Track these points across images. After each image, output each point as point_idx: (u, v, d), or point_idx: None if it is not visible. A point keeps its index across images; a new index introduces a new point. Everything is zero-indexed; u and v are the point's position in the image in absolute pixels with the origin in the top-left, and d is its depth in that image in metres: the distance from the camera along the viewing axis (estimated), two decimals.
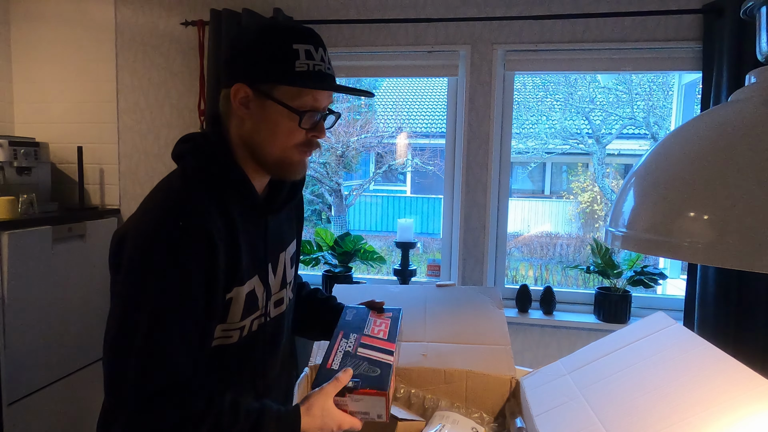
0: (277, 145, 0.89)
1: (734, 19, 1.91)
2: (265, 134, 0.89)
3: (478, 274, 2.37)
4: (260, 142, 0.90)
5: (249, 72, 0.87)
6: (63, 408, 2.25)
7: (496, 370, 1.33)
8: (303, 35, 0.87)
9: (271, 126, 0.88)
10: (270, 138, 0.89)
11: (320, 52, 0.88)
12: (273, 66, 0.85)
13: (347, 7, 2.36)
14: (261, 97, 0.87)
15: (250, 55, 0.87)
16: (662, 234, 0.63)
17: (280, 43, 0.86)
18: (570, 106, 5.74)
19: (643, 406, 0.95)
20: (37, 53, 2.59)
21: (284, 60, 0.85)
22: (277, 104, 0.86)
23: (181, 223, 0.83)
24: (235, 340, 0.95)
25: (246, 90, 0.87)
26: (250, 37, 0.88)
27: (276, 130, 0.89)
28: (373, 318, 1.16)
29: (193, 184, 0.88)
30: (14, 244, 1.95)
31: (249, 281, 0.94)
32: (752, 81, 0.71)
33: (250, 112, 0.88)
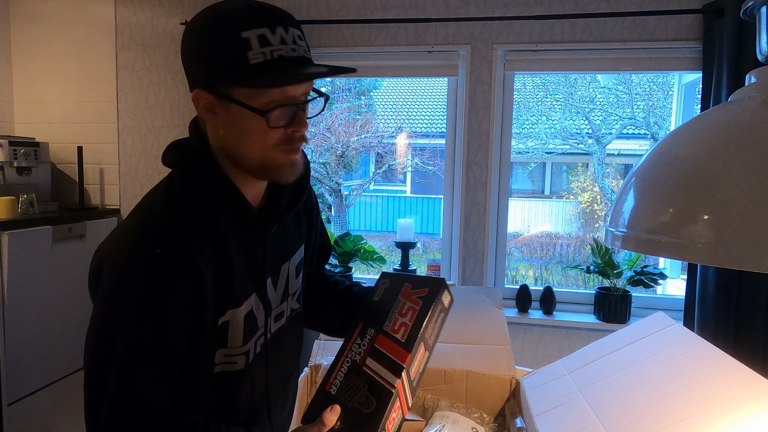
0: (254, 149, 0.78)
1: (734, 19, 1.91)
2: (239, 139, 0.78)
3: (478, 274, 2.37)
4: (236, 148, 0.79)
5: (201, 75, 0.76)
6: (63, 408, 2.25)
7: (496, 370, 1.33)
8: (253, 17, 0.73)
9: (241, 130, 0.77)
10: (244, 142, 0.78)
11: (279, 31, 0.74)
12: (223, 64, 0.73)
13: (347, 7, 2.36)
14: (223, 100, 0.75)
15: (198, 56, 0.75)
16: (662, 234, 0.63)
17: (226, 34, 0.72)
18: (570, 106, 5.74)
19: (643, 405, 0.95)
20: (37, 53, 2.59)
21: (233, 54, 0.72)
22: (240, 106, 0.74)
23: (158, 251, 0.75)
24: (241, 366, 0.87)
25: (206, 95, 0.76)
26: (195, 33, 0.76)
27: (248, 134, 0.77)
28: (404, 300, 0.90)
29: (178, 201, 0.80)
30: (14, 244, 1.95)
31: (246, 302, 0.85)
32: (752, 81, 0.70)
33: (218, 118, 0.78)
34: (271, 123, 0.75)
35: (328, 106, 0.81)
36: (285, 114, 0.77)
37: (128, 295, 0.75)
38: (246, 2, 0.76)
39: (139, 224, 0.79)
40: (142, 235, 0.77)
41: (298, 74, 0.76)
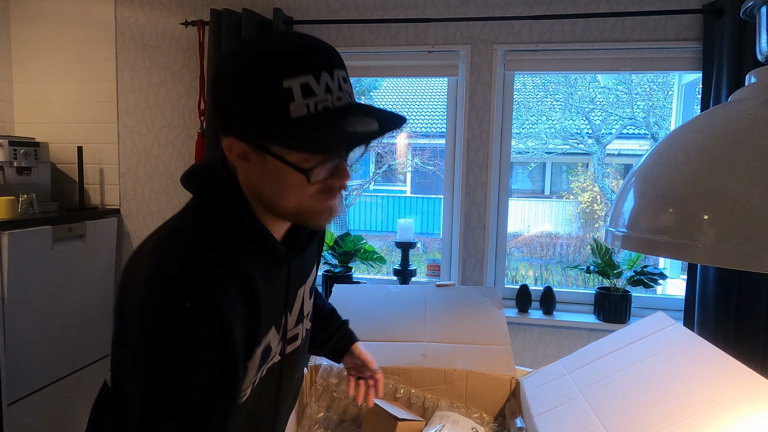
0: (290, 200, 0.73)
1: (734, 19, 1.91)
2: (274, 190, 0.73)
3: (478, 274, 2.37)
4: (271, 196, 0.74)
5: (236, 125, 0.69)
6: (63, 408, 2.25)
7: (496, 370, 1.33)
8: (296, 62, 0.66)
9: (277, 182, 0.72)
10: (281, 193, 0.73)
11: (324, 78, 0.66)
12: (262, 118, 0.66)
13: (347, 7, 2.36)
14: (259, 151, 0.69)
15: (233, 105, 0.68)
16: (662, 234, 0.63)
17: (266, 84, 0.65)
18: (570, 106, 5.74)
19: (643, 405, 0.95)
20: (37, 53, 2.59)
21: (274, 107, 0.65)
22: (281, 161, 0.68)
23: (188, 304, 0.68)
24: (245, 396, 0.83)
25: (240, 144, 0.70)
26: (230, 76, 0.68)
27: (285, 186, 0.72)
28: None
29: (205, 242, 0.74)
30: (14, 244, 1.95)
31: (265, 336, 0.82)
32: (752, 81, 0.71)
33: (252, 166, 0.72)
34: (312, 180, 0.70)
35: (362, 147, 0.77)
36: (327, 168, 0.71)
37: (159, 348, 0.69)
38: (288, 39, 0.69)
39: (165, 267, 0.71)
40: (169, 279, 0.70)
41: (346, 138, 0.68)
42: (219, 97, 0.70)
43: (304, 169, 0.69)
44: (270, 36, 0.70)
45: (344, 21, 2.32)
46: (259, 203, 0.76)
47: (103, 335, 2.50)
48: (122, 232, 2.61)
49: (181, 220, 0.77)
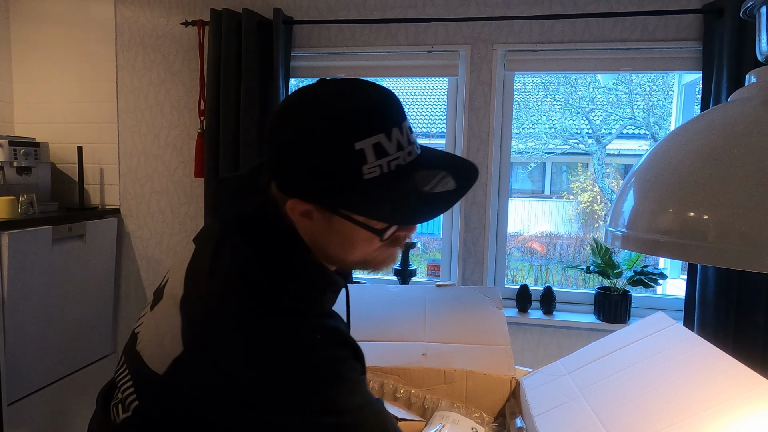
0: (357, 254, 0.72)
1: (734, 19, 1.91)
2: (341, 246, 0.71)
3: (478, 274, 2.37)
4: (336, 252, 0.72)
5: (301, 188, 0.66)
6: (63, 408, 2.25)
7: (496, 370, 1.33)
8: (368, 121, 0.63)
9: (343, 239, 0.70)
10: (347, 249, 0.71)
11: (395, 135, 0.64)
12: (332, 182, 0.63)
13: (347, 7, 2.36)
14: (326, 211, 0.67)
15: (299, 166, 0.65)
16: (662, 234, 0.63)
17: (338, 147, 0.62)
18: (570, 106, 5.74)
19: (643, 406, 0.95)
20: (37, 53, 2.59)
21: (346, 170, 0.62)
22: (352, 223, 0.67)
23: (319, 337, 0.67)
24: None
25: (304, 205, 0.67)
26: (296, 136, 0.65)
27: (353, 242, 0.70)
28: None
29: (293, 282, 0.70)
30: (14, 244, 1.95)
31: None
32: (752, 81, 0.71)
33: (315, 224, 0.69)
34: (384, 239, 0.69)
35: None
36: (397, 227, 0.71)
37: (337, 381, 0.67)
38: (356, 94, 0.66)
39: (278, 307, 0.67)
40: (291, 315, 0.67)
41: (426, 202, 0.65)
42: (283, 156, 0.66)
43: (376, 230, 0.68)
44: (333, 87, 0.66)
45: (344, 21, 2.32)
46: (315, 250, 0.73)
47: (103, 336, 2.50)
48: (122, 232, 2.61)
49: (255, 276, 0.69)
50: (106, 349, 2.53)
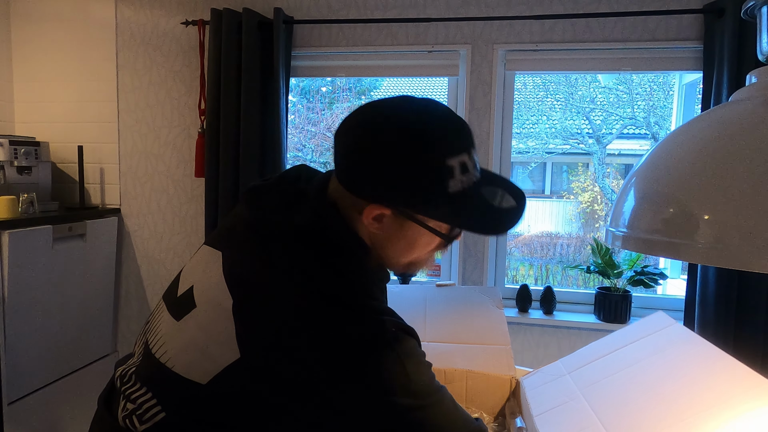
0: (412, 256, 0.79)
1: (735, 19, 1.90)
2: (400, 248, 0.78)
3: (478, 274, 2.37)
4: (392, 253, 0.78)
5: (384, 194, 0.71)
6: (63, 408, 2.25)
7: (496, 370, 1.33)
8: (459, 140, 0.71)
9: (408, 243, 0.77)
10: (405, 251, 0.78)
11: (474, 155, 0.73)
12: (419, 192, 0.70)
13: (347, 7, 2.36)
14: (401, 217, 0.73)
15: (388, 175, 0.69)
16: (662, 234, 0.63)
17: (432, 162, 0.68)
18: (570, 106, 5.74)
19: (643, 405, 0.95)
20: (37, 53, 2.59)
21: (436, 184, 0.69)
22: (422, 227, 0.74)
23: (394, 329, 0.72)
24: None
25: (382, 209, 0.72)
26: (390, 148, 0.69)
27: (414, 246, 0.77)
28: None
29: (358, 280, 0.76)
30: (14, 244, 1.95)
31: None
32: (752, 81, 0.71)
33: (382, 227, 0.74)
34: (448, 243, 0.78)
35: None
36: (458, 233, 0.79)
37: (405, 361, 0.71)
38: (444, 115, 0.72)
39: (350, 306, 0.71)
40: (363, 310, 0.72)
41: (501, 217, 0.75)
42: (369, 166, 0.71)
43: (446, 235, 0.76)
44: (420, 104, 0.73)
45: (344, 21, 2.32)
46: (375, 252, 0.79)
47: (103, 335, 2.50)
48: (122, 232, 2.61)
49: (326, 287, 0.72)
50: (106, 349, 2.53)
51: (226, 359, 0.69)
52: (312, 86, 5.80)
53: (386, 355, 0.69)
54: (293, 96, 5.39)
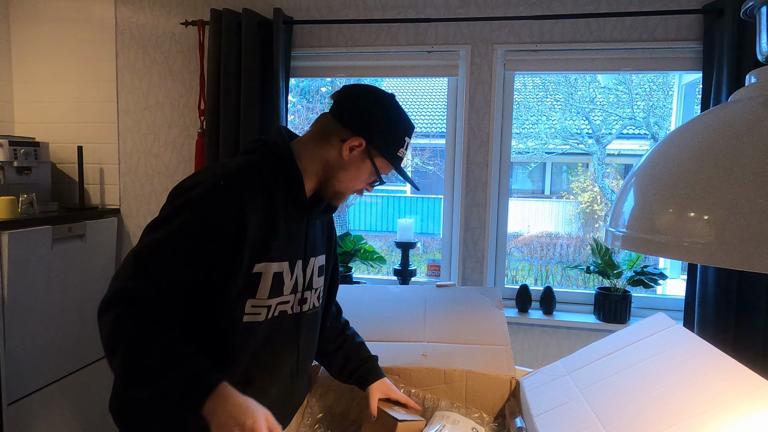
0: (348, 185, 1.12)
1: (734, 19, 1.91)
2: (348, 176, 1.11)
3: (478, 274, 2.37)
4: (340, 177, 1.10)
5: (373, 136, 1.08)
6: (63, 408, 2.25)
7: (496, 370, 1.33)
8: (412, 130, 1.14)
9: (356, 173, 1.11)
10: (349, 180, 1.11)
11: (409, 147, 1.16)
12: (392, 146, 1.11)
13: (347, 7, 2.36)
14: (365, 154, 1.09)
15: (384, 127, 1.09)
16: (662, 234, 0.63)
17: (402, 132, 1.11)
18: (570, 106, 5.74)
19: (643, 406, 0.95)
20: (37, 53, 2.59)
21: (399, 145, 1.11)
22: (372, 166, 1.10)
23: (222, 183, 0.98)
24: (262, 319, 1.06)
25: (362, 143, 1.08)
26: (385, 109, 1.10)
27: (357, 178, 1.11)
28: None
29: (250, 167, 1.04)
30: (14, 244, 1.95)
31: (279, 263, 1.06)
32: (752, 81, 0.71)
33: (349, 155, 1.09)
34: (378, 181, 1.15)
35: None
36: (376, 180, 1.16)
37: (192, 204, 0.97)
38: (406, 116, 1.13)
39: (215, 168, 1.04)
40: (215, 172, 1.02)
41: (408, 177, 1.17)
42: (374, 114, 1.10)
43: (380, 175, 1.14)
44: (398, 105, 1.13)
45: (344, 21, 2.32)
46: (319, 169, 1.11)
47: None
48: (122, 232, 2.61)
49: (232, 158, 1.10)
50: None
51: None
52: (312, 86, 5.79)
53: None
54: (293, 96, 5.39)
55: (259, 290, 1.03)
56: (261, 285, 1.03)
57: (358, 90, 1.12)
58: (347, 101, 1.11)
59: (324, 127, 1.11)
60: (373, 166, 1.10)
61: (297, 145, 1.11)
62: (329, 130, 1.10)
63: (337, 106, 1.12)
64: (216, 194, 0.98)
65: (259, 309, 1.05)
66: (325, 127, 1.11)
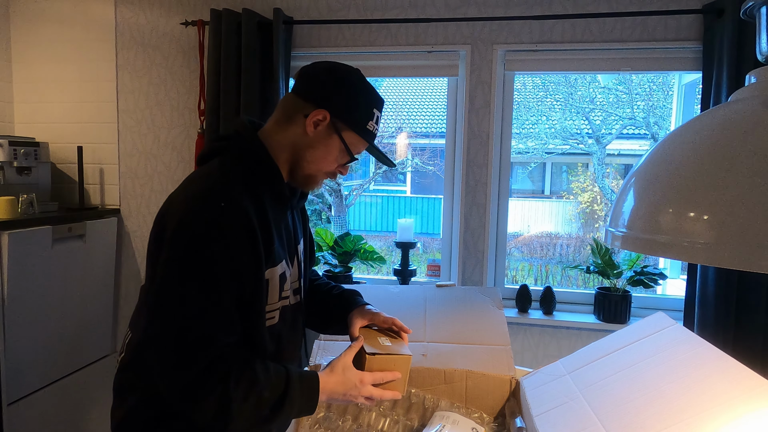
0: (318, 166, 1.06)
1: (734, 19, 1.91)
2: (316, 154, 1.04)
3: (478, 274, 2.37)
4: (308, 157, 1.04)
5: (337, 107, 1.02)
6: (63, 408, 2.25)
7: (496, 370, 1.33)
8: (381, 104, 1.08)
9: (325, 152, 1.04)
10: (318, 159, 1.05)
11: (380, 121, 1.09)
12: (359, 118, 1.03)
13: (347, 7, 2.36)
14: (332, 129, 1.02)
15: (344, 96, 1.02)
16: (662, 234, 0.63)
17: (369, 103, 1.05)
18: (570, 106, 5.74)
19: (643, 405, 0.95)
20: (37, 53, 2.59)
21: (367, 118, 1.04)
22: (340, 141, 1.03)
23: (223, 204, 0.92)
24: (276, 321, 1.06)
25: (326, 116, 1.01)
26: (349, 79, 1.03)
27: (326, 156, 1.05)
28: None
29: (230, 174, 0.99)
30: (14, 244, 1.95)
31: (280, 264, 1.04)
32: (752, 81, 0.71)
33: (315, 132, 1.02)
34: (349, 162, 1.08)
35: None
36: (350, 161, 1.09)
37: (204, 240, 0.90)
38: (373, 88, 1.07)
39: (202, 185, 0.96)
40: (206, 191, 0.94)
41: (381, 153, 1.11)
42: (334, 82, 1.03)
43: (353, 156, 1.07)
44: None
45: (344, 21, 2.32)
46: (288, 154, 1.05)
47: (103, 335, 2.50)
48: (122, 232, 2.61)
49: (208, 166, 1.03)
50: (106, 349, 2.53)
51: None
52: None
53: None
54: None
55: (269, 296, 1.02)
56: (270, 291, 1.02)
57: (320, 65, 1.06)
58: (308, 76, 1.05)
59: (287, 108, 1.05)
60: (342, 142, 1.03)
61: (265, 136, 1.05)
62: (292, 109, 1.04)
63: (299, 83, 1.06)
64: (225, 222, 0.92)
65: (273, 313, 1.05)
66: (288, 107, 1.05)
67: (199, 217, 0.91)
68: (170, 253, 0.91)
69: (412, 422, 1.29)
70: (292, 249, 1.11)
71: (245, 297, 0.95)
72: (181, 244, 0.90)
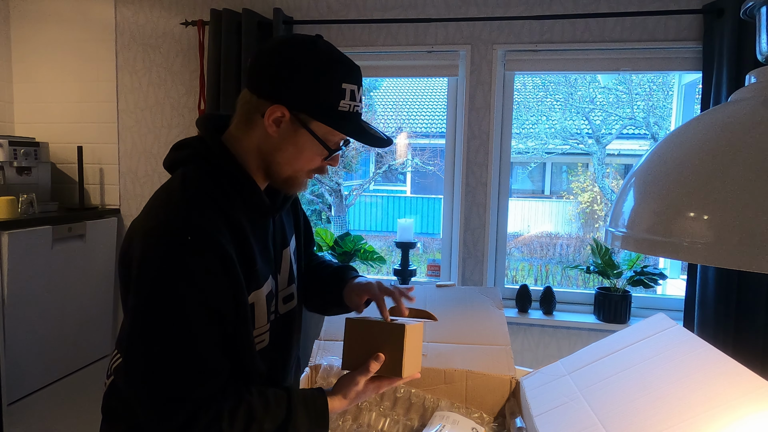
0: (294, 166, 0.91)
1: (734, 19, 1.91)
2: (288, 155, 0.90)
3: (478, 274, 2.37)
4: (279, 160, 0.90)
5: (294, 99, 0.85)
6: (63, 408, 2.25)
7: (496, 370, 1.33)
8: (353, 73, 0.89)
9: (296, 150, 0.89)
10: (291, 160, 0.90)
11: (360, 91, 0.90)
12: (320, 102, 0.86)
13: (347, 7, 2.36)
14: (296, 123, 0.87)
15: (298, 83, 0.85)
16: (662, 234, 0.63)
17: (332, 80, 0.86)
18: (570, 106, 5.74)
19: (643, 406, 0.95)
20: (37, 53, 2.59)
21: (332, 98, 0.86)
22: (311, 136, 0.88)
23: (189, 237, 0.80)
24: (267, 344, 0.97)
25: (285, 113, 0.86)
26: (300, 60, 0.85)
27: (300, 155, 0.90)
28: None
29: (195, 195, 0.85)
30: (14, 244, 1.95)
31: (266, 283, 0.94)
32: (752, 81, 0.71)
33: (279, 131, 0.87)
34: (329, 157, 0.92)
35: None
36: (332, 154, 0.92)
37: (169, 282, 0.79)
38: (342, 54, 0.90)
39: (163, 221, 0.83)
40: (169, 228, 0.81)
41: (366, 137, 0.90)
42: (283, 69, 0.85)
43: (330, 148, 0.90)
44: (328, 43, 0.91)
45: (344, 21, 2.32)
46: (258, 160, 0.91)
47: (103, 335, 2.50)
48: (122, 232, 2.61)
49: (167, 189, 0.88)
50: (106, 349, 2.53)
51: None
52: None
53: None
54: None
55: (256, 320, 0.93)
56: (257, 314, 0.93)
57: (268, 48, 0.88)
58: (256, 66, 0.88)
59: (244, 107, 0.90)
60: (313, 136, 0.87)
61: (230, 141, 0.91)
62: (249, 109, 0.89)
63: (249, 75, 0.90)
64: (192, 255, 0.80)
65: (262, 336, 0.96)
66: (245, 107, 0.90)
67: (160, 256, 0.79)
68: (135, 300, 0.81)
69: (412, 422, 1.29)
70: (278, 258, 1.01)
71: (228, 330, 0.85)
72: (144, 291, 0.80)
